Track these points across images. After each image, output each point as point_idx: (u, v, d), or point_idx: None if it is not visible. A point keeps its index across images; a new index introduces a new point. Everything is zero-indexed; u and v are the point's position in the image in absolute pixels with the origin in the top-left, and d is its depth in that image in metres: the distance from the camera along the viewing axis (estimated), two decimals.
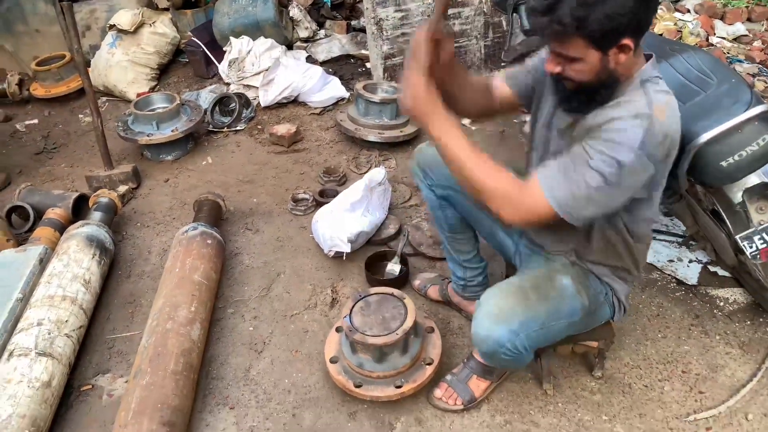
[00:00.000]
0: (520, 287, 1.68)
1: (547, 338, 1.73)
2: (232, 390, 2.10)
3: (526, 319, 1.62)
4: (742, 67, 4.12)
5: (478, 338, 1.65)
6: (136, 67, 4.29)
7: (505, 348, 1.62)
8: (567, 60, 1.43)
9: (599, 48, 1.38)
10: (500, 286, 1.70)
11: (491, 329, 1.61)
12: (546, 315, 1.66)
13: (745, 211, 1.87)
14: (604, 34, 1.35)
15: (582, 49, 1.39)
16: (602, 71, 1.42)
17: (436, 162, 2.02)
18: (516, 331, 1.61)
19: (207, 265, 2.36)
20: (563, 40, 1.39)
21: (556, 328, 1.71)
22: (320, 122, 3.90)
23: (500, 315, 1.62)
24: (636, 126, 1.38)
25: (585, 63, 1.41)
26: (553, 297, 1.68)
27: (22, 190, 3.02)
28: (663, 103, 1.43)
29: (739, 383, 2.05)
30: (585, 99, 1.49)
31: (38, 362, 1.94)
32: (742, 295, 2.38)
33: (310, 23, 4.76)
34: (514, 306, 1.63)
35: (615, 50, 1.39)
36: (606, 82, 1.45)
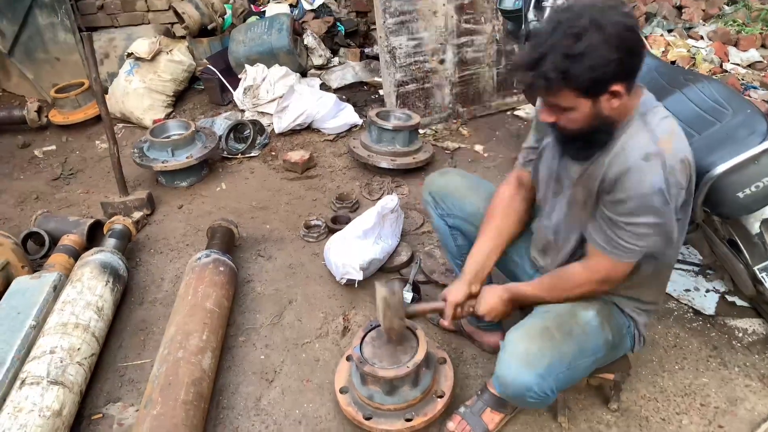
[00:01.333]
0: (544, 328, 1.64)
1: (574, 378, 1.70)
2: (242, 420, 2.08)
3: (553, 362, 1.59)
4: (757, 94, 4.10)
5: (505, 383, 1.61)
6: (152, 94, 4.36)
7: (533, 392, 1.58)
8: (559, 110, 1.44)
9: (589, 97, 1.39)
10: (523, 327, 1.67)
11: (518, 373, 1.57)
12: (572, 355, 1.62)
13: (763, 242, 1.85)
14: (591, 84, 1.36)
15: (572, 99, 1.39)
16: (596, 118, 1.42)
17: (447, 191, 2.03)
18: (543, 375, 1.57)
19: (219, 292, 2.37)
20: (553, 92, 1.40)
21: (583, 367, 1.68)
22: (333, 149, 3.92)
23: (527, 359, 1.58)
24: (651, 169, 1.39)
25: (577, 112, 1.42)
26: (578, 335, 1.64)
27: (38, 216, 3.06)
28: (667, 132, 1.43)
29: (760, 417, 2.00)
30: (583, 145, 1.50)
31: (50, 391, 1.94)
32: (761, 325, 2.33)
33: (324, 51, 4.82)
34: (541, 348, 1.59)
35: (607, 96, 1.39)
36: (601, 127, 1.45)
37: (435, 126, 4.10)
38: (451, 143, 3.87)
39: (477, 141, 3.92)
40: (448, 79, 4.00)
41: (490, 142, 3.91)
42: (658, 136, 1.42)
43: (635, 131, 1.45)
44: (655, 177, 1.39)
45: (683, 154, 1.43)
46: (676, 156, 1.41)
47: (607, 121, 1.44)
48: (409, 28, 3.77)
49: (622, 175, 1.42)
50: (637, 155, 1.41)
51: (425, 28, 3.79)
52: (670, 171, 1.40)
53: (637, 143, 1.43)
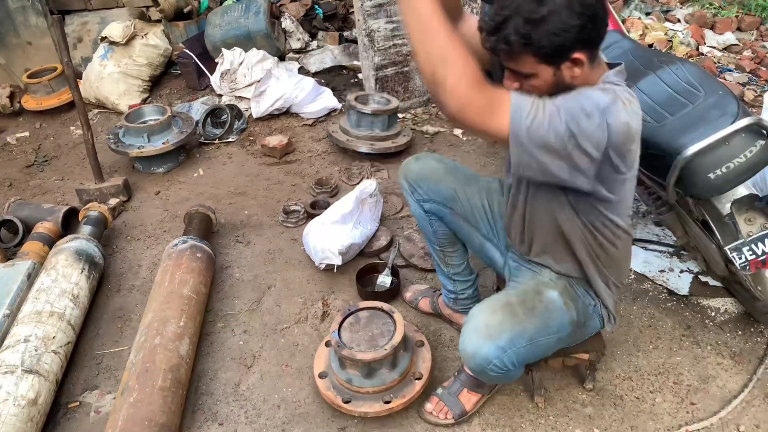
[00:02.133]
0: (507, 302, 1.67)
1: (536, 353, 1.72)
2: (221, 406, 2.08)
3: (514, 335, 1.61)
4: (732, 77, 4.15)
5: (466, 355, 1.64)
6: (127, 79, 4.29)
7: (493, 365, 1.61)
8: (522, 76, 1.43)
9: (550, 63, 1.38)
10: (487, 301, 1.69)
11: (478, 346, 1.60)
12: (534, 330, 1.64)
13: (733, 223, 1.88)
14: (552, 50, 1.35)
15: (534, 65, 1.39)
16: (558, 86, 1.42)
17: (422, 176, 2.03)
18: (503, 347, 1.59)
19: (196, 279, 2.35)
20: (514, 58, 1.39)
21: (545, 343, 1.70)
22: (312, 133, 3.90)
23: (487, 331, 1.60)
24: (602, 95, 1.37)
25: (539, 78, 1.41)
26: (540, 311, 1.67)
27: (11, 203, 3.01)
28: (629, 98, 1.41)
29: (731, 394, 2.04)
30: None
31: (24, 380, 1.92)
32: (733, 305, 2.38)
33: (302, 34, 4.77)
34: (502, 322, 1.61)
35: (568, 64, 1.39)
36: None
37: (414, 110, 4.09)
38: (431, 127, 3.87)
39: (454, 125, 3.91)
40: None
41: None
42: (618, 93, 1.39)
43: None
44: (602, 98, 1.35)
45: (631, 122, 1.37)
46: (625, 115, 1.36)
47: (569, 89, 1.42)
48: (388, 11, 3.74)
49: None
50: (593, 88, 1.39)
51: None
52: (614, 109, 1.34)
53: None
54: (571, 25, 1.32)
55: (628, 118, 1.37)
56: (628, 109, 1.38)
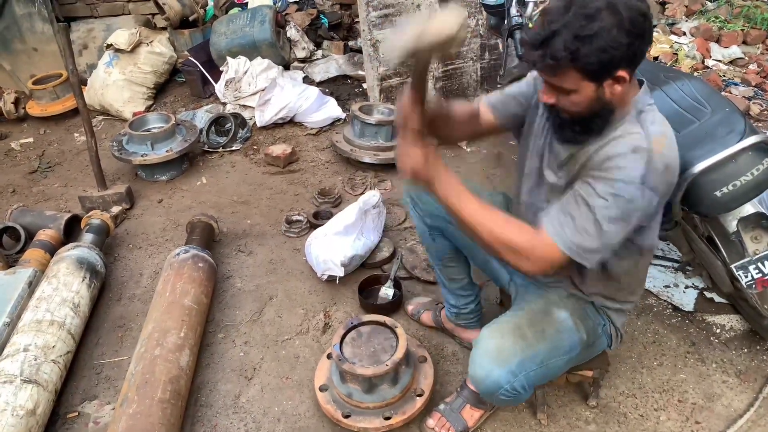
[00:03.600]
0: (517, 325, 1.64)
1: (546, 375, 1.69)
2: (220, 418, 2.07)
3: (525, 359, 1.58)
4: (738, 90, 4.13)
5: (476, 379, 1.61)
6: (132, 87, 4.30)
7: (504, 389, 1.58)
8: (561, 92, 1.42)
9: (594, 80, 1.37)
10: (497, 324, 1.66)
11: (489, 371, 1.57)
12: (545, 353, 1.62)
13: (740, 241, 1.86)
14: (598, 67, 1.33)
15: (576, 81, 1.37)
16: (597, 102, 1.41)
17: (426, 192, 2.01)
18: (514, 371, 1.57)
19: (198, 289, 2.34)
20: (558, 73, 1.38)
21: (555, 365, 1.67)
22: (316, 143, 3.90)
23: (498, 356, 1.58)
24: (636, 161, 1.37)
25: (579, 95, 1.39)
26: (551, 334, 1.64)
27: (13, 210, 3.00)
28: (661, 135, 1.42)
29: (736, 413, 2.02)
30: (580, 130, 1.48)
31: (23, 389, 1.91)
32: (738, 322, 2.36)
33: (307, 44, 4.78)
34: (513, 346, 1.59)
35: (610, 81, 1.37)
36: (601, 112, 1.43)
37: None
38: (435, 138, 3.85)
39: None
40: (432, 73, 3.98)
41: None
42: (651, 136, 1.40)
43: (630, 127, 1.43)
44: (637, 169, 1.37)
45: (669, 161, 1.41)
46: (662, 159, 1.39)
47: (607, 106, 1.42)
48: (393, 22, 3.74)
49: (606, 161, 1.40)
50: (626, 146, 1.40)
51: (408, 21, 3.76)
52: (653, 170, 1.38)
53: (630, 139, 1.41)
54: (621, 42, 1.30)
55: (664, 162, 1.39)
56: (662, 151, 1.39)
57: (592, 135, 1.47)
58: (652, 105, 1.48)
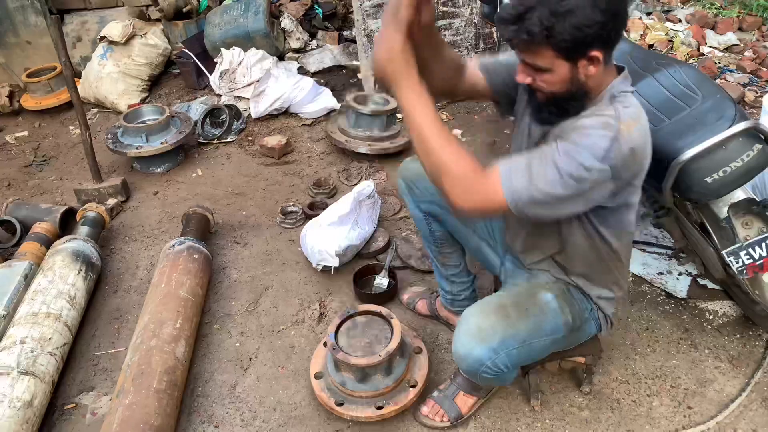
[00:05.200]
0: (500, 305, 1.67)
1: (529, 356, 1.71)
2: (217, 408, 2.08)
3: (506, 338, 1.61)
4: (733, 77, 4.13)
5: (458, 356, 1.64)
6: (127, 79, 4.28)
7: (486, 366, 1.61)
8: (536, 71, 1.43)
9: (568, 59, 1.38)
10: (480, 304, 1.69)
11: (471, 348, 1.60)
12: (527, 332, 1.64)
13: (731, 227, 1.86)
14: (572, 44, 1.34)
15: (551, 59, 1.38)
16: (572, 83, 1.41)
17: (421, 177, 2.01)
18: (496, 349, 1.59)
19: (193, 280, 2.35)
20: (532, 49, 1.39)
21: (539, 346, 1.69)
22: (311, 134, 3.89)
23: (480, 333, 1.61)
24: (602, 136, 1.37)
25: (554, 74, 1.40)
26: (534, 314, 1.66)
27: (9, 203, 3.01)
28: (632, 119, 1.41)
29: (728, 398, 2.04)
30: (555, 111, 1.49)
31: (20, 381, 1.92)
32: (731, 308, 2.37)
33: (301, 34, 4.76)
34: (494, 324, 1.61)
35: (584, 62, 1.38)
36: (576, 94, 1.44)
37: None
38: None
39: (455, 125, 3.90)
40: None
41: (469, 126, 3.90)
42: (622, 117, 1.40)
43: (603, 108, 1.44)
44: (601, 143, 1.36)
45: (636, 145, 1.40)
46: (629, 142, 1.38)
47: (582, 88, 1.43)
48: None
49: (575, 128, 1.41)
50: (597, 120, 1.40)
51: None
52: (615, 148, 1.36)
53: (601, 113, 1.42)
54: (595, 21, 1.31)
55: (630, 145, 1.38)
56: (631, 134, 1.38)
57: (568, 117, 1.48)
58: (628, 92, 1.48)
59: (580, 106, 1.46)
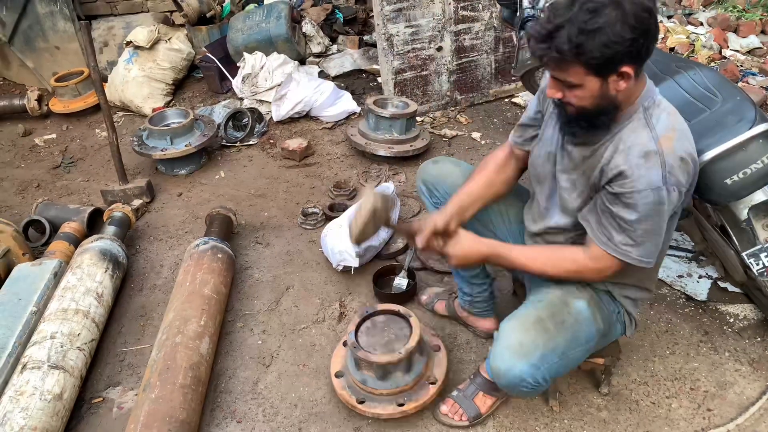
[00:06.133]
0: (537, 318, 1.65)
1: (566, 367, 1.71)
2: (239, 404, 2.12)
3: (546, 352, 1.60)
4: (756, 80, 4.09)
5: (498, 372, 1.62)
6: (151, 83, 4.37)
7: (526, 382, 1.60)
8: (567, 86, 1.44)
9: (598, 75, 1.39)
10: (518, 317, 1.67)
11: (512, 364, 1.59)
12: (565, 345, 1.64)
13: (751, 228, 1.87)
14: (602, 61, 1.36)
15: (581, 76, 1.39)
16: (602, 98, 1.43)
17: (440, 179, 2.05)
18: (537, 365, 1.58)
19: (217, 279, 2.40)
20: (562, 67, 1.40)
21: (575, 356, 1.69)
22: (331, 137, 3.94)
23: (521, 350, 1.59)
24: (650, 168, 1.42)
25: (585, 89, 1.42)
26: (570, 324, 1.65)
27: (39, 204, 3.09)
28: (669, 130, 1.45)
29: (748, 401, 2.03)
30: (586, 125, 1.50)
31: (50, 375, 1.98)
32: (752, 311, 2.36)
33: (322, 38, 4.82)
34: (534, 339, 1.60)
35: (615, 77, 1.40)
36: (607, 108, 1.46)
37: (433, 113, 4.11)
38: (449, 131, 3.89)
39: (474, 128, 3.93)
40: (446, 66, 4.00)
41: (488, 129, 3.93)
42: (658, 134, 1.44)
43: (637, 127, 1.47)
44: (655, 174, 1.42)
45: (682, 152, 1.44)
46: (675, 154, 1.43)
47: (613, 102, 1.45)
48: (407, 16, 3.77)
49: (622, 172, 1.45)
50: (636, 155, 1.44)
51: (423, 15, 3.79)
52: (669, 170, 1.42)
53: (637, 140, 1.45)
54: (625, 38, 1.32)
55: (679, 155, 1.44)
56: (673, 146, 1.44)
57: (599, 131, 1.51)
58: (658, 99, 1.51)
59: (610, 120, 1.49)
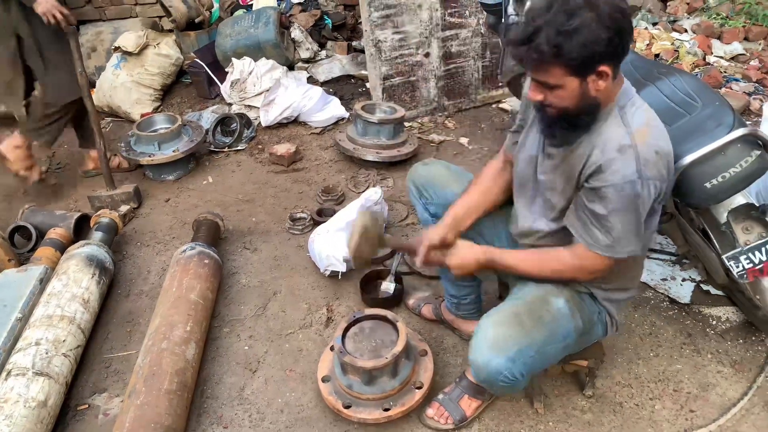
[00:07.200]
0: (515, 313, 1.68)
1: (543, 362, 1.74)
2: (225, 409, 2.12)
3: (523, 346, 1.62)
4: (739, 86, 4.15)
5: (477, 367, 1.66)
6: (140, 88, 4.37)
7: (503, 376, 1.62)
8: (548, 88, 1.48)
9: (578, 75, 1.43)
10: (495, 313, 1.70)
11: (489, 358, 1.61)
12: (542, 340, 1.66)
13: (731, 231, 1.89)
14: (581, 61, 1.40)
15: (561, 76, 1.43)
16: (582, 98, 1.47)
17: (430, 180, 2.07)
18: (513, 358, 1.61)
19: (203, 284, 2.40)
20: (542, 68, 1.44)
21: (552, 352, 1.72)
22: (320, 142, 3.95)
23: (497, 344, 1.62)
24: (626, 160, 1.45)
25: (565, 90, 1.46)
26: (548, 321, 1.68)
27: (25, 210, 3.08)
28: (643, 125, 1.48)
29: (730, 402, 2.05)
30: (567, 126, 1.54)
31: (35, 382, 1.97)
32: (734, 313, 2.39)
33: (311, 44, 4.83)
34: (511, 334, 1.63)
35: (594, 77, 1.44)
36: (587, 108, 1.50)
37: (420, 119, 4.13)
38: (437, 136, 3.91)
39: (462, 133, 3.95)
40: (434, 72, 4.03)
41: (475, 134, 3.95)
42: (632, 129, 1.48)
43: (612, 124, 1.51)
44: (629, 167, 1.45)
45: (657, 147, 1.48)
46: (650, 148, 1.46)
47: (592, 102, 1.49)
48: (395, 22, 3.80)
49: (599, 169, 1.49)
50: (612, 149, 1.48)
51: (410, 21, 3.82)
52: (644, 163, 1.45)
53: (612, 136, 1.49)
54: (601, 37, 1.37)
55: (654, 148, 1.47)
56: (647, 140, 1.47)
57: (580, 131, 1.54)
58: (634, 98, 1.54)
59: (591, 120, 1.53)
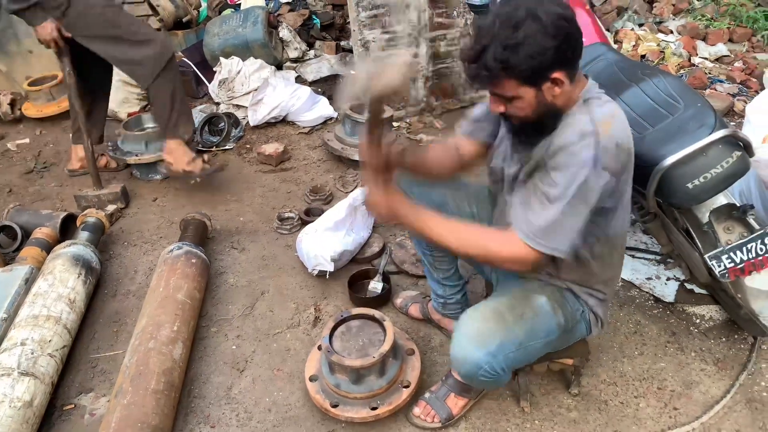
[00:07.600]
0: (496, 309, 1.70)
1: (525, 358, 1.76)
2: (213, 409, 2.12)
3: (503, 341, 1.64)
4: (723, 87, 4.20)
5: (457, 360, 1.68)
6: (127, 87, 4.34)
7: (483, 370, 1.64)
8: (506, 100, 1.50)
9: (531, 85, 1.45)
10: (477, 308, 1.73)
11: (469, 352, 1.63)
12: (523, 335, 1.68)
13: (712, 231, 1.92)
14: (530, 72, 1.42)
15: (515, 87, 1.46)
16: (541, 105, 1.49)
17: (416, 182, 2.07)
18: (494, 353, 1.63)
19: (191, 284, 2.39)
20: (495, 83, 1.47)
21: (534, 348, 1.73)
22: (308, 141, 3.95)
23: (478, 338, 1.64)
24: (585, 146, 1.44)
25: (522, 100, 1.48)
26: (529, 317, 1.70)
27: (10, 209, 3.05)
28: (608, 116, 1.49)
29: (713, 400, 2.08)
30: (533, 132, 1.56)
31: (20, 382, 1.96)
32: (717, 312, 2.42)
33: (299, 44, 4.83)
34: (492, 328, 1.65)
35: (548, 84, 1.45)
36: (548, 114, 1.51)
37: (409, 119, 4.14)
38: (425, 136, 3.92)
39: (450, 133, 3.96)
40: (422, 72, 4.04)
41: None
42: (597, 119, 1.47)
43: (577, 112, 1.51)
44: (587, 153, 1.44)
45: (620, 139, 1.47)
46: (612, 139, 1.45)
47: (552, 108, 1.50)
48: (383, 22, 3.81)
49: (558, 150, 1.48)
50: (573, 133, 1.47)
51: (398, 21, 3.83)
52: (603, 151, 1.44)
53: (576, 123, 1.49)
54: (547, 47, 1.38)
55: (615, 141, 1.46)
56: (610, 131, 1.46)
57: (546, 134, 1.55)
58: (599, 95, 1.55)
59: (554, 124, 1.53)
